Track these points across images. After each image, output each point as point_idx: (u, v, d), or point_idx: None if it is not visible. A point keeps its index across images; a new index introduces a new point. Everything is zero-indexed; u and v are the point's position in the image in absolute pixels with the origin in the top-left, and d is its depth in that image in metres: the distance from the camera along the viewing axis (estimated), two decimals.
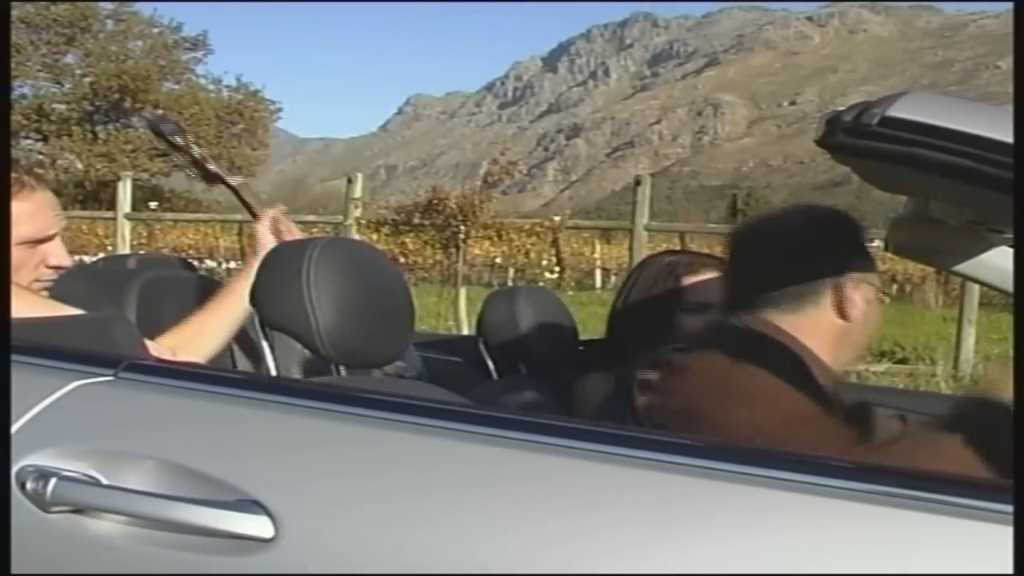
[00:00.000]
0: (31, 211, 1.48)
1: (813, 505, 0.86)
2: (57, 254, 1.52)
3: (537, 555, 0.89)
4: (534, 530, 0.90)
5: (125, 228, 8.96)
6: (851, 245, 1.38)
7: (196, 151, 1.86)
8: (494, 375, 2.01)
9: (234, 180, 1.87)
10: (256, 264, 1.39)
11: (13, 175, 1.47)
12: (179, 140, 1.84)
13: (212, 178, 1.88)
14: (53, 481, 0.99)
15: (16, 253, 1.46)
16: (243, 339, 1.76)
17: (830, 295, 1.34)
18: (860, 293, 1.35)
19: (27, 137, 25.64)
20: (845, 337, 1.36)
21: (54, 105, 26.13)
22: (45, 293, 1.52)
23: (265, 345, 1.46)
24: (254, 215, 1.82)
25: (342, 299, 1.35)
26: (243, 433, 1.04)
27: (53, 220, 1.52)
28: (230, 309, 1.64)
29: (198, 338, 1.59)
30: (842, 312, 1.34)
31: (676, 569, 0.85)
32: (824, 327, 1.34)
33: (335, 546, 0.93)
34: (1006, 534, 0.80)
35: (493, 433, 0.97)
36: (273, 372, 1.47)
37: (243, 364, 1.78)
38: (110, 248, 10.49)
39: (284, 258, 1.39)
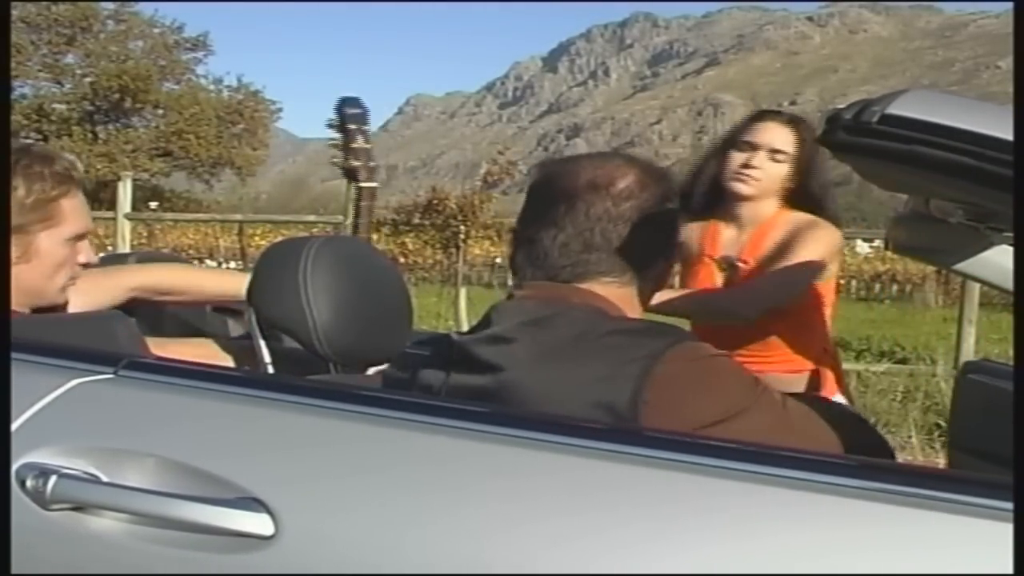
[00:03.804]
0: (79, 208, 1.51)
1: (814, 503, 0.86)
2: (87, 251, 1.54)
3: (538, 554, 0.89)
4: (535, 528, 0.90)
5: (125, 228, 8.95)
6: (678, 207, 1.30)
7: (359, 143, 1.88)
8: None
9: (368, 184, 1.89)
10: None
11: (60, 170, 1.48)
12: (350, 125, 1.86)
13: (348, 173, 1.90)
14: (53, 479, 0.99)
15: (61, 250, 1.48)
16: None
17: (660, 267, 1.27)
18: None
19: (27, 137, 25.60)
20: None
21: (54, 105, 26.13)
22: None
23: (262, 343, 1.46)
24: (356, 228, 1.85)
25: (339, 297, 1.35)
26: (243, 431, 1.04)
27: (89, 217, 1.55)
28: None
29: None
30: (660, 285, 1.29)
31: (677, 567, 0.85)
32: (636, 300, 1.25)
33: (335, 544, 0.93)
34: (1006, 532, 0.80)
35: (493, 431, 0.97)
36: (270, 370, 1.47)
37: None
38: (110, 248, 10.48)
39: (281, 257, 1.39)
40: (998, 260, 1.38)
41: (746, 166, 2.14)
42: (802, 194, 2.17)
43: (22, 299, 1.44)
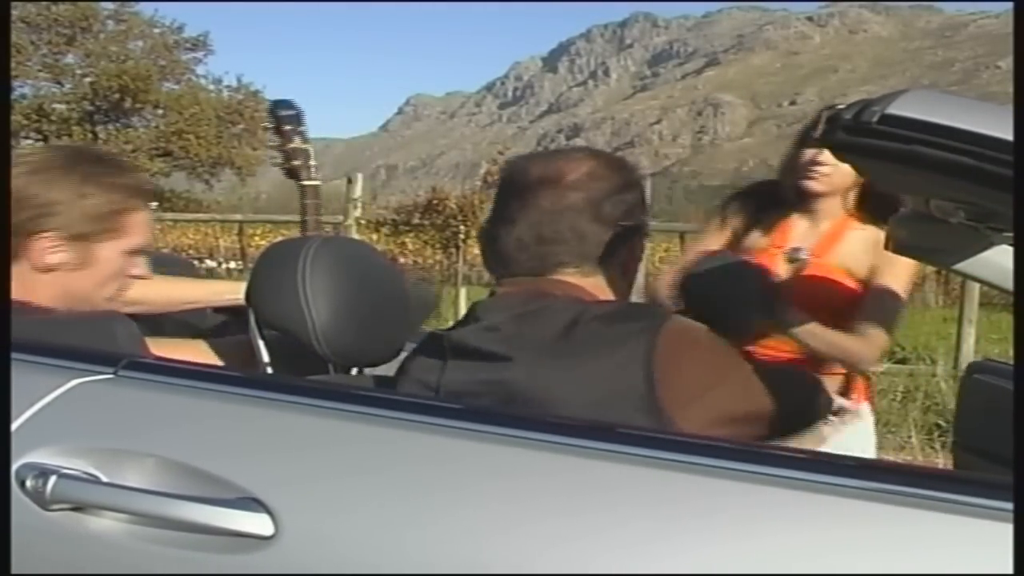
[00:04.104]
0: (144, 222, 1.51)
1: (813, 503, 0.86)
2: (141, 265, 1.54)
3: (538, 553, 0.89)
4: (534, 528, 0.90)
5: None
6: (642, 196, 1.31)
7: (297, 143, 1.92)
8: None
9: (311, 183, 1.94)
10: None
11: (135, 183, 1.49)
12: (286, 126, 1.91)
13: (290, 173, 1.94)
14: (53, 479, 0.99)
15: (119, 261, 1.48)
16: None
17: (623, 256, 1.28)
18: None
19: (27, 137, 25.61)
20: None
21: (54, 105, 26.11)
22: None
23: (261, 344, 1.46)
24: (304, 226, 1.88)
25: (338, 297, 1.35)
26: (243, 431, 1.04)
27: (151, 231, 1.57)
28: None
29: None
30: (627, 273, 1.30)
31: (676, 567, 0.85)
32: (607, 288, 1.27)
33: (335, 544, 0.93)
34: (1006, 532, 0.80)
35: (493, 431, 0.97)
36: (269, 370, 1.47)
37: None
38: None
39: (280, 257, 1.39)
40: (998, 260, 1.38)
41: (815, 162, 2.12)
42: (876, 193, 2.10)
43: (65, 303, 1.44)
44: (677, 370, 1.12)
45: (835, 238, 2.15)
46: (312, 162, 1.92)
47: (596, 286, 1.25)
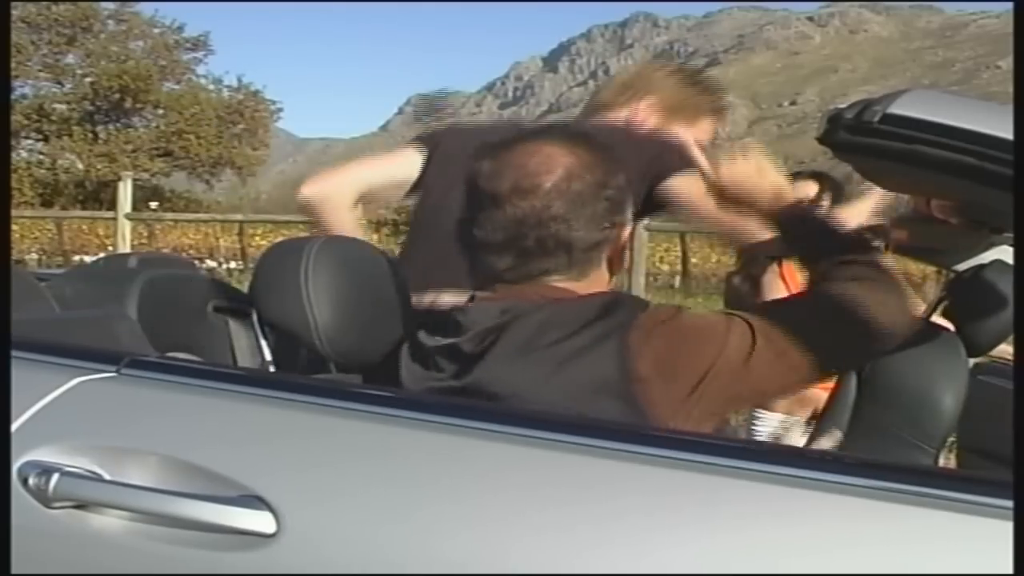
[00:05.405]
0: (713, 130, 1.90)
1: (814, 500, 0.86)
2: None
3: (540, 551, 0.89)
4: (538, 525, 0.90)
5: (126, 228, 8.97)
6: (625, 180, 1.23)
7: None
8: None
9: None
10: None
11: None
12: None
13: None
14: (56, 477, 0.99)
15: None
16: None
17: (608, 250, 1.23)
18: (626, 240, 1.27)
19: (27, 137, 25.64)
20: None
21: (55, 105, 26.13)
22: None
23: (264, 343, 1.46)
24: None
25: (340, 297, 1.35)
26: (245, 429, 1.04)
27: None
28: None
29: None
30: (612, 266, 1.25)
31: (674, 565, 0.85)
32: (594, 285, 1.22)
33: (337, 542, 0.93)
34: (1006, 530, 0.80)
35: (496, 429, 0.97)
36: (271, 369, 1.47)
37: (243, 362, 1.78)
38: (110, 248, 10.49)
39: (282, 257, 1.39)
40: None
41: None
42: None
43: None
44: (670, 358, 1.10)
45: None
46: None
47: (583, 287, 1.20)
